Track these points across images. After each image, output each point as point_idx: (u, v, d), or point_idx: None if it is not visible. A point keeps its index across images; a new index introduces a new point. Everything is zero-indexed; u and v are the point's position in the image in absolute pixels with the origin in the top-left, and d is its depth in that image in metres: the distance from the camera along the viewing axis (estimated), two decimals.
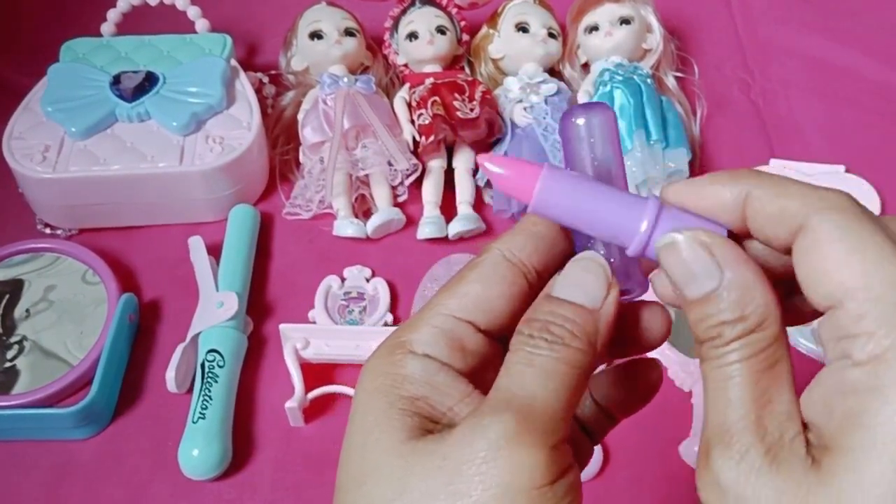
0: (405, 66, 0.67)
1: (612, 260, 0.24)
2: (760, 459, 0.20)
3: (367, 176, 0.61)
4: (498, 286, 0.24)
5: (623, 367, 0.28)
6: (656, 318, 0.26)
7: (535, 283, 0.24)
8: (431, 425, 0.22)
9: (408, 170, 0.60)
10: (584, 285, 0.23)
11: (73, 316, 0.54)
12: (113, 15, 0.67)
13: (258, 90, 0.65)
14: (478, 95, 0.62)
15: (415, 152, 0.62)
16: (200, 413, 0.48)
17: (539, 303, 0.23)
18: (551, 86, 0.63)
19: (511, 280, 0.24)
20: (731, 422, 0.21)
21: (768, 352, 0.21)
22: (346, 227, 0.59)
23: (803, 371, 0.22)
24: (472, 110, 0.61)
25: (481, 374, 0.24)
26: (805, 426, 0.21)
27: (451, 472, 0.20)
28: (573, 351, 0.22)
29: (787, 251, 0.22)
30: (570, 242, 0.25)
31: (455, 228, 0.59)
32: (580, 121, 0.24)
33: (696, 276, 0.22)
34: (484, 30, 0.68)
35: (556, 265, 0.25)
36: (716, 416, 0.21)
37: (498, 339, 0.25)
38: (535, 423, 0.21)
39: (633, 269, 0.25)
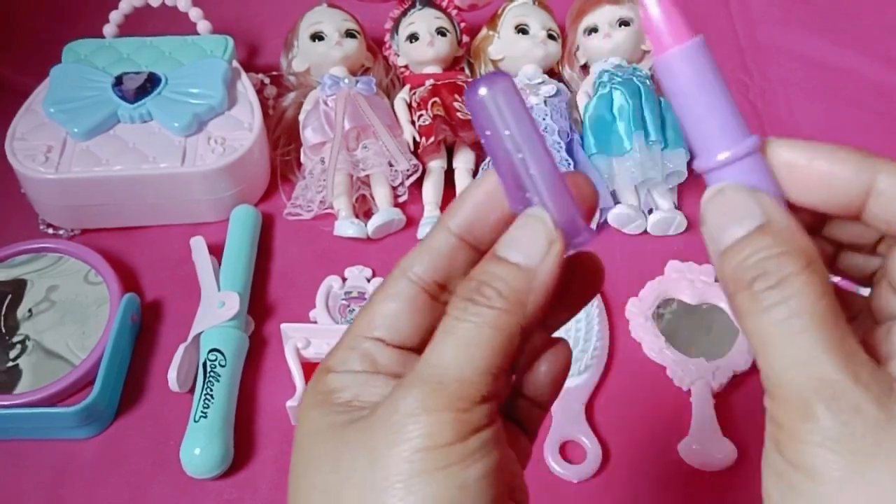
0: (405, 67, 0.67)
1: (554, 214, 0.24)
2: (875, 411, 0.19)
3: (367, 176, 0.61)
4: (398, 303, 0.25)
5: (531, 350, 0.28)
6: (591, 265, 0.26)
7: (437, 294, 0.25)
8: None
9: (408, 170, 0.60)
10: (521, 243, 0.23)
11: (75, 316, 0.54)
12: (115, 16, 0.68)
13: (259, 91, 0.66)
14: None
15: (415, 153, 0.62)
16: (202, 412, 0.49)
17: (482, 262, 0.23)
18: (550, 87, 0.64)
19: (411, 296, 0.25)
20: (829, 374, 0.20)
21: (828, 300, 0.20)
22: (346, 227, 0.59)
23: None
24: None
25: None
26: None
27: (373, 444, 0.21)
28: (498, 313, 0.22)
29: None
30: (474, 252, 0.25)
31: None
32: (483, 91, 0.23)
33: (737, 216, 0.22)
34: (484, 31, 0.68)
35: (463, 273, 0.25)
36: (803, 371, 0.20)
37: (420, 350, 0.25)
38: (443, 391, 0.21)
39: (577, 219, 0.24)
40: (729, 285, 0.22)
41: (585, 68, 0.68)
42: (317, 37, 0.65)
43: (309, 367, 0.52)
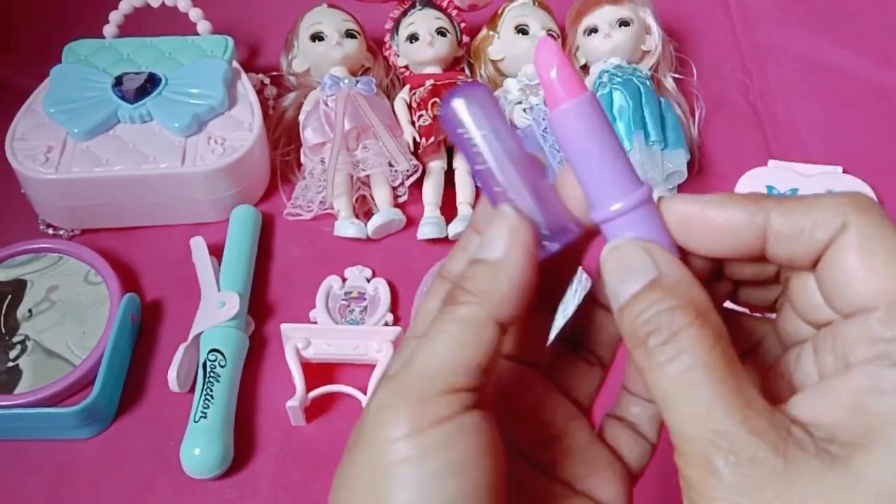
0: (406, 67, 0.67)
1: (533, 214, 0.24)
2: (773, 460, 0.19)
3: (367, 177, 0.61)
4: (436, 300, 0.25)
5: None
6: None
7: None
8: None
9: (408, 171, 0.60)
10: (488, 240, 0.23)
11: (75, 316, 0.54)
12: (115, 16, 0.68)
13: (259, 91, 0.66)
14: None
15: (415, 153, 0.62)
16: (202, 412, 0.49)
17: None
18: None
19: (446, 291, 0.25)
20: (724, 427, 0.20)
21: (720, 348, 0.20)
22: (346, 227, 0.59)
23: None
24: None
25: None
26: (796, 422, 0.20)
27: (355, 448, 0.22)
28: (464, 307, 0.22)
29: (811, 266, 0.22)
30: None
31: (455, 229, 0.60)
32: (457, 102, 0.24)
33: (632, 271, 0.22)
34: (484, 31, 0.68)
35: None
36: (699, 425, 0.20)
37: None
38: (404, 386, 0.22)
39: (562, 215, 0.24)
40: (627, 342, 0.22)
41: (585, 68, 0.68)
42: (317, 37, 0.65)
43: (309, 368, 0.52)
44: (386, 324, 0.55)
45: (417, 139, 0.62)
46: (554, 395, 0.27)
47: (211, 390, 0.49)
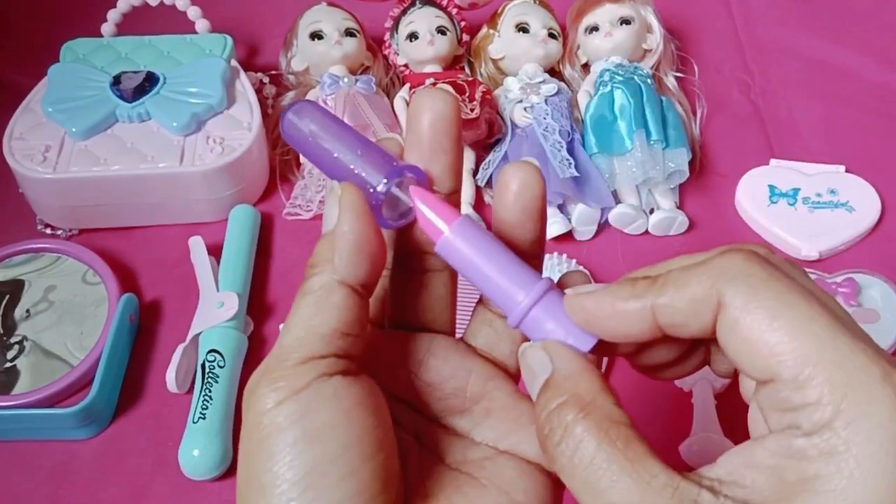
0: (405, 66, 0.67)
1: (365, 173, 0.25)
2: None
3: None
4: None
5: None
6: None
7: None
8: None
9: None
10: (325, 217, 0.25)
11: (73, 316, 0.54)
12: (113, 15, 0.67)
13: (258, 90, 0.66)
14: (478, 96, 0.62)
15: None
16: (201, 413, 0.48)
17: None
18: (551, 86, 0.63)
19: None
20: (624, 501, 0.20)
21: (612, 434, 0.21)
22: None
23: None
24: (472, 110, 0.61)
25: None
26: (716, 483, 0.21)
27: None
28: (311, 279, 0.24)
29: (714, 338, 0.22)
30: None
31: None
32: (291, 117, 0.27)
33: (535, 372, 0.23)
34: (484, 30, 0.68)
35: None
36: None
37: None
38: (263, 367, 0.23)
39: (385, 160, 0.26)
40: (540, 432, 0.23)
41: (586, 67, 0.68)
42: (316, 36, 0.64)
43: None
44: None
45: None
46: (470, 359, 0.27)
47: (210, 391, 0.49)
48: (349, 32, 0.65)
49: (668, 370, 0.26)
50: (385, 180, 0.25)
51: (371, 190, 0.25)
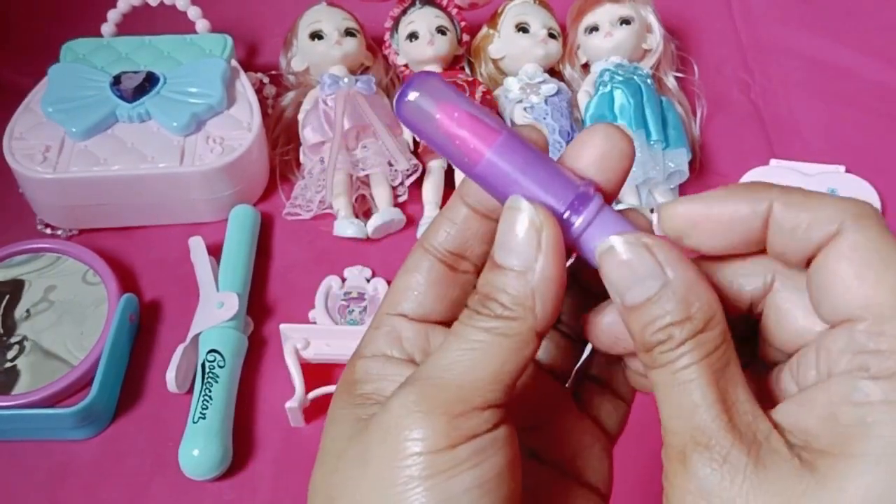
0: (405, 66, 0.67)
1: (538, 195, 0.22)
2: (745, 459, 0.20)
3: (367, 176, 0.61)
4: (415, 276, 0.25)
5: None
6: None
7: (456, 264, 0.25)
8: None
9: (408, 170, 0.60)
10: (512, 243, 0.22)
11: (73, 316, 0.54)
12: (113, 15, 0.67)
13: (258, 90, 0.66)
14: (478, 95, 0.62)
15: (415, 152, 0.62)
16: (201, 413, 0.48)
17: (483, 272, 0.23)
18: (551, 86, 0.63)
19: (428, 267, 0.25)
20: (705, 424, 0.20)
21: (720, 351, 0.21)
22: (346, 227, 0.59)
23: None
24: None
25: None
26: (778, 428, 0.21)
27: (366, 444, 0.21)
28: (503, 321, 0.21)
29: (804, 264, 0.22)
30: (488, 221, 0.24)
31: None
32: (413, 96, 0.22)
33: (639, 277, 0.21)
34: (484, 30, 0.68)
35: (481, 241, 0.25)
36: (682, 422, 0.21)
37: (446, 323, 0.25)
38: (440, 394, 0.21)
39: (572, 180, 0.22)
40: (636, 344, 0.22)
41: (586, 67, 0.68)
42: (316, 36, 0.64)
43: (308, 368, 0.52)
44: None
45: (417, 138, 0.62)
46: (539, 375, 0.27)
47: (210, 391, 0.49)
48: (349, 32, 0.65)
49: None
50: (574, 208, 0.22)
51: (563, 217, 0.22)
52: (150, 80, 0.61)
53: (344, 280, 0.58)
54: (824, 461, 0.19)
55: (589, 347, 0.28)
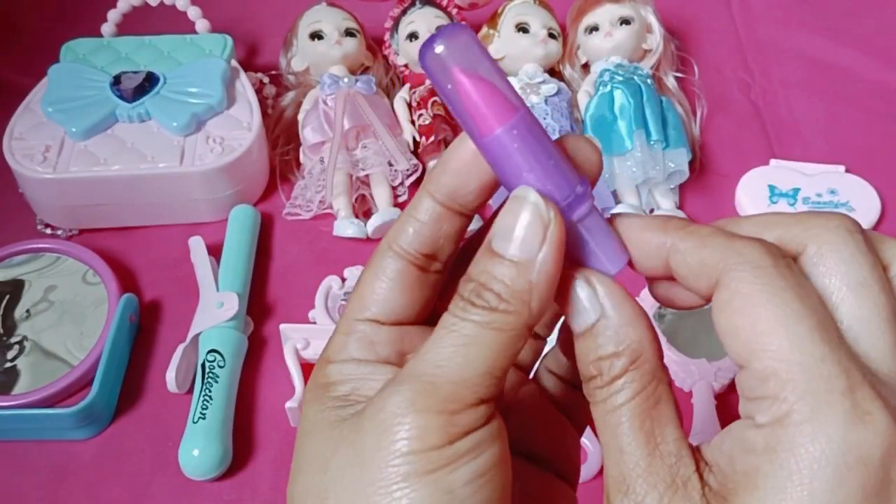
0: (405, 66, 0.67)
1: (545, 185, 0.22)
2: None
3: (367, 176, 0.61)
4: (386, 279, 0.24)
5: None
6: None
7: (426, 265, 0.24)
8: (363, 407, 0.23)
9: (408, 170, 0.60)
10: (514, 233, 0.21)
11: (73, 316, 0.54)
12: (113, 15, 0.67)
13: (258, 90, 0.66)
14: None
15: (415, 152, 0.62)
16: (201, 413, 0.48)
17: (477, 258, 0.22)
18: (551, 86, 0.63)
19: (399, 270, 0.24)
20: (626, 470, 0.21)
21: (649, 390, 0.21)
22: (346, 227, 0.59)
23: None
24: None
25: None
26: (706, 465, 0.21)
27: (360, 444, 0.21)
28: (500, 315, 0.21)
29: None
30: (461, 217, 0.24)
31: None
32: (439, 49, 0.21)
33: (582, 309, 0.22)
34: (484, 30, 0.68)
35: (452, 240, 0.24)
36: (612, 464, 0.21)
37: (426, 321, 0.25)
38: (435, 392, 0.21)
39: (576, 185, 0.22)
40: (580, 368, 0.23)
41: (586, 67, 0.68)
42: (316, 36, 0.64)
43: (308, 368, 0.52)
44: None
45: (417, 138, 0.62)
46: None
47: (210, 391, 0.49)
48: (349, 32, 0.65)
49: (679, 301, 0.26)
50: (569, 205, 0.22)
51: (575, 209, 0.22)
52: (150, 80, 0.61)
53: (344, 280, 0.57)
54: None
55: (551, 341, 0.29)
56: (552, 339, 0.28)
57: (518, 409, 0.27)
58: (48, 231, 0.60)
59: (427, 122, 0.61)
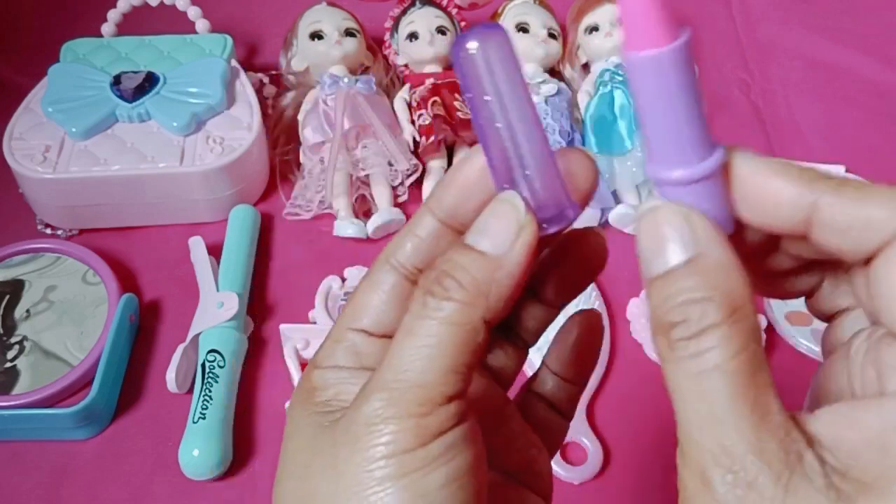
0: (405, 66, 0.67)
1: (534, 193, 0.22)
2: (772, 490, 0.18)
3: (367, 176, 0.61)
4: (381, 292, 0.24)
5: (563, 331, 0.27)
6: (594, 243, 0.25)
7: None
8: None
9: (408, 170, 0.60)
10: (490, 230, 0.21)
11: (73, 316, 0.54)
12: (113, 15, 0.67)
13: (258, 90, 0.66)
14: None
15: (415, 152, 0.62)
16: (201, 413, 0.48)
17: (447, 252, 0.22)
18: (551, 86, 0.63)
19: (394, 284, 0.24)
20: (730, 444, 0.18)
21: (749, 352, 0.18)
22: (346, 227, 0.59)
23: (804, 371, 0.20)
24: None
25: None
26: (816, 441, 0.18)
27: (335, 453, 0.21)
28: (458, 306, 0.21)
29: (862, 263, 0.20)
30: (460, 236, 0.24)
31: None
32: (472, 46, 0.21)
33: (666, 244, 0.20)
34: None
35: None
36: (706, 435, 0.18)
37: None
38: (402, 397, 0.21)
39: (563, 199, 0.22)
40: (651, 320, 0.20)
41: (586, 67, 0.68)
42: (316, 36, 0.64)
43: None
44: None
45: (417, 138, 0.62)
46: (488, 384, 0.27)
47: (210, 391, 0.49)
48: (349, 32, 0.65)
49: (772, 282, 0.24)
50: (548, 221, 0.22)
51: (555, 222, 0.22)
52: (150, 80, 0.61)
53: (344, 280, 0.57)
54: (865, 496, 0.17)
55: (537, 363, 0.28)
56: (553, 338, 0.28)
57: (496, 424, 0.27)
58: (48, 231, 0.60)
59: (427, 122, 0.61)
